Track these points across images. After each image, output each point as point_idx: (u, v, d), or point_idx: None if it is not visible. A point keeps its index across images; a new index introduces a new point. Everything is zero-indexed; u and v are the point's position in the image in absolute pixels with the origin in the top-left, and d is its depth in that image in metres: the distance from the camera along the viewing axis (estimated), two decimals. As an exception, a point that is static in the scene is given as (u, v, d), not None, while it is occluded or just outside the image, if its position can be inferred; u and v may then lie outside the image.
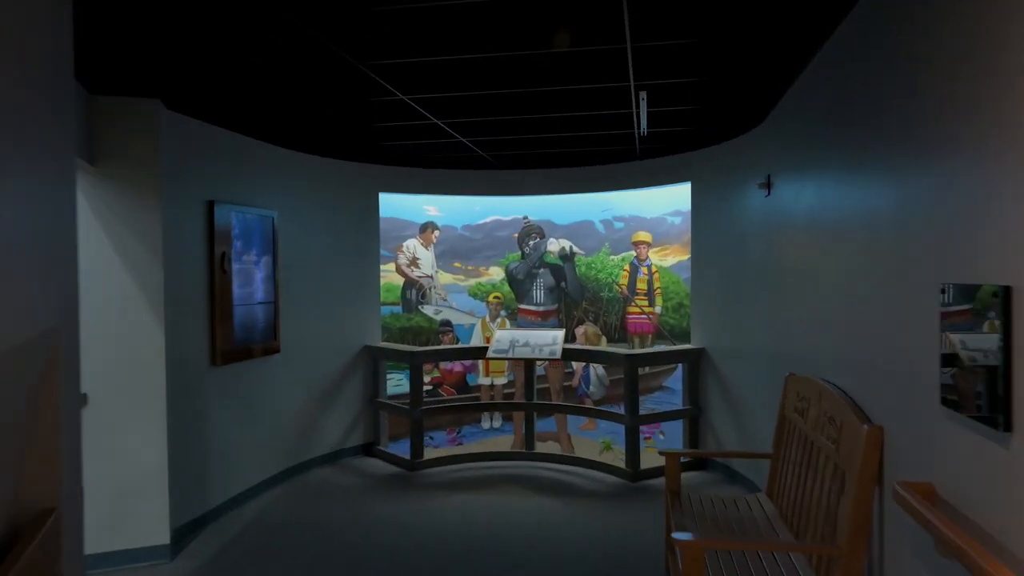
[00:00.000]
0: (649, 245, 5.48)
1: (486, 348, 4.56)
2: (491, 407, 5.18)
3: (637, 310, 5.42)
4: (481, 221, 5.89)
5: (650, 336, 5.51)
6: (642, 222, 5.63)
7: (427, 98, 3.09)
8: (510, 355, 4.39)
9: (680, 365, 4.29)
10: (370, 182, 4.57)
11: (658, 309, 5.49)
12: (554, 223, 5.78)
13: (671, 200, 5.10)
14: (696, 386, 4.19)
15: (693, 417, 4.28)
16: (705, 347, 4.15)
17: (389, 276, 5.47)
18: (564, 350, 4.35)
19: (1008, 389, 1.19)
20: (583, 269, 5.66)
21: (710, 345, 4.10)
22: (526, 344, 4.53)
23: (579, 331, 5.71)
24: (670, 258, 5.42)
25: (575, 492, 3.67)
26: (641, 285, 5.57)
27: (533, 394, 4.70)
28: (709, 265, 4.04)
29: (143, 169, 3.01)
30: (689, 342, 4.36)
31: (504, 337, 4.70)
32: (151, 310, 3.02)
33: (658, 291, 5.48)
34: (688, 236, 4.45)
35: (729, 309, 3.82)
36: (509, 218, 5.87)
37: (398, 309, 5.66)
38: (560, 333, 4.72)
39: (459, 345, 5.35)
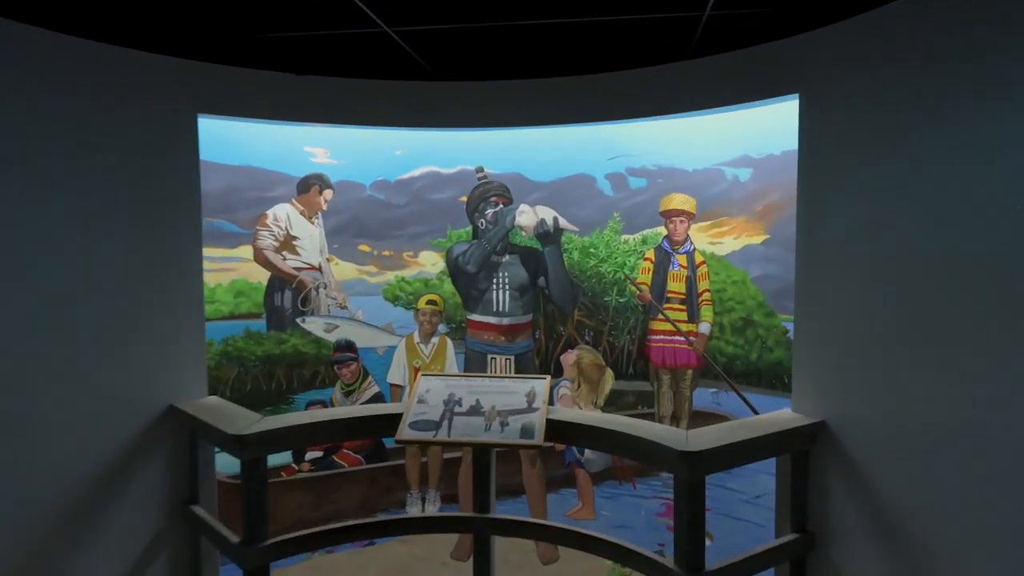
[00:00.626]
0: (691, 218, 3.88)
1: (397, 416, 2.87)
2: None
3: (667, 327, 3.92)
4: (406, 175, 4.34)
5: (689, 372, 3.98)
6: (678, 178, 3.95)
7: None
8: (441, 435, 2.74)
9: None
10: (183, 93, 3.02)
11: (704, 327, 3.92)
12: (528, 179, 4.27)
13: (733, 139, 3.65)
14: (803, 497, 2.65)
15: (797, 559, 2.63)
16: (829, 420, 2.57)
17: (242, 268, 4.04)
18: (552, 425, 2.68)
19: None
20: (576, 256, 4.10)
21: (843, 418, 2.53)
22: (476, 407, 2.84)
23: (567, 359, 4.20)
24: (728, 240, 3.83)
25: None
26: (675, 285, 3.99)
27: (489, 498, 3.08)
28: (847, 262, 2.49)
29: None
30: (778, 399, 3.32)
31: (434, 390, 2.98)
32: None
33: (706, 296, 3.93)
34: (769, 203, 3.42)
35: (900, 352, 2.30)
36: (453, 170, 4.30)
37: (260, 325, 4.11)
38: (541, 386, 3.01)
39: (348, 406, 3.93)
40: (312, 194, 4.07)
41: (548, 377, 2.83)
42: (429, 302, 4.13)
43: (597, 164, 4.05)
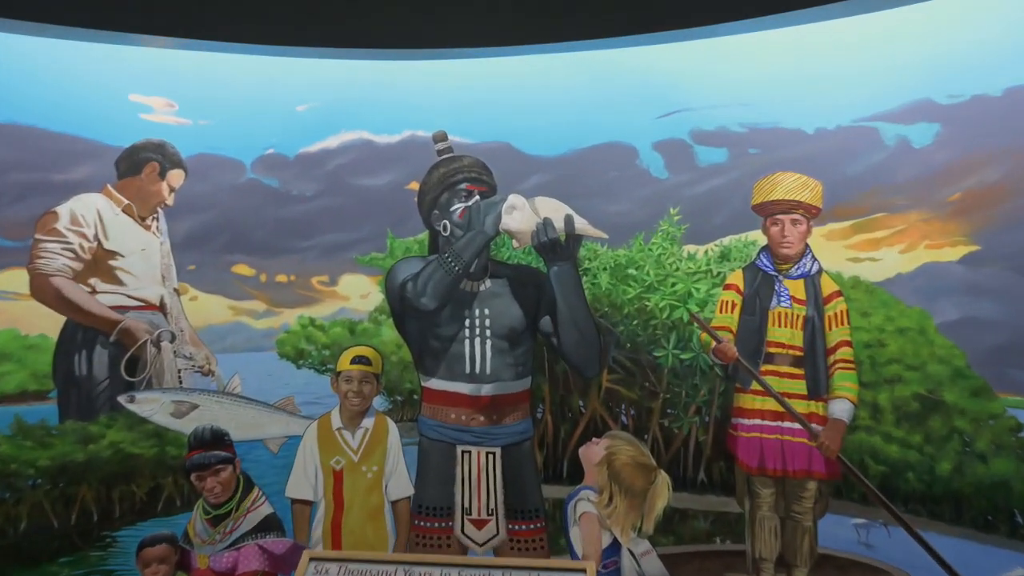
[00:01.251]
0: (813, 214, 3.02)
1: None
2: None
3: (769, 404, 2.91)
4: (315, 146, 3.69)
5: (812, 485, 3.03)
6: (788, 145, 3.39)
7: None
8: None
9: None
10: None
11: (840, 408, 2.88)
12: (522, 152, 3.66)
13: (898, 68, 3.01)
14: None
15: None
16: None
17: (7, 311, 3.39)
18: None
19: None
20: (605, 282, 3.51)
21: None
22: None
23: (591, 453, 2.96)
24: (889, 254, 3.18)
25: None
26: (783, 332, 3.00)
27: None
28: None
29: None
30: (999, 550, 3.03)
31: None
32: None
33: (843, 354, 2.89)
34: (974, 187, 2.89)
35: None
36: (395, 138, 3.75)
37: (45, 411, 3.41)
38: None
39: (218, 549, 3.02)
40: (146, 178, 3.49)
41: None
42: (357, 359, 3.05)
43: (639, 125, 3.57)
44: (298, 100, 3.59)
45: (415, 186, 3.28)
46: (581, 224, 2.67)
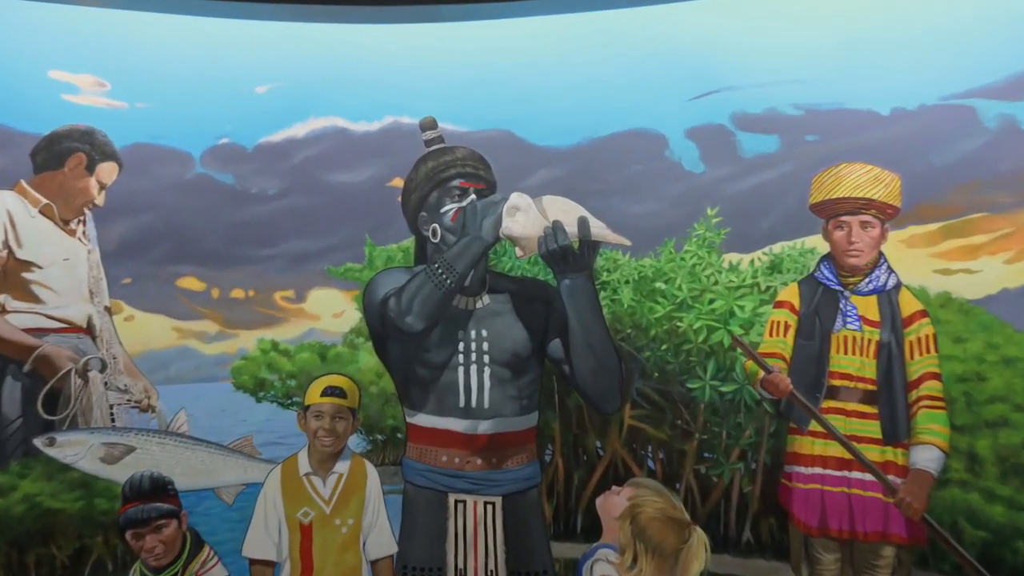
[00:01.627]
0: (888, 215, 2.92)
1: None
2: None
3: (833, 449, 2.86)
4: (278, 134, 3.56)
5: (888, 551, 2.83)
6: (856, 130, 3.26)
7: None
8: None
9: None
10: None
11: (926, 456, 2.77)
12: (527, 142, 3.57)
13: (1001, 20, 2.84)
14: None
15: None
16: None
17: None
18: None
19: None
20: (627, 298, 3.50)
21: None
22: None
23: (610, 505, 2.76)
24: (992, 264, 3.00)
25: None
26: (851, 361, 2.89)
27: None
28: None
29: None
30: None
31: None
32: None
33: (929, 389, 2.79)
34: None
35: None
36: (374, 125, 3.57)
37: None
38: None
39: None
40: (70, 172, 3.28)
41: None
42: (329, 391, 2.93)
43: (669, 108, 3.54)
44: (258, 79, 3.38)
45: (399, 183, 3.13)
46: (598, 228, 2.51)
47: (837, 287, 2.89)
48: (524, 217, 2.53)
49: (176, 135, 3.42)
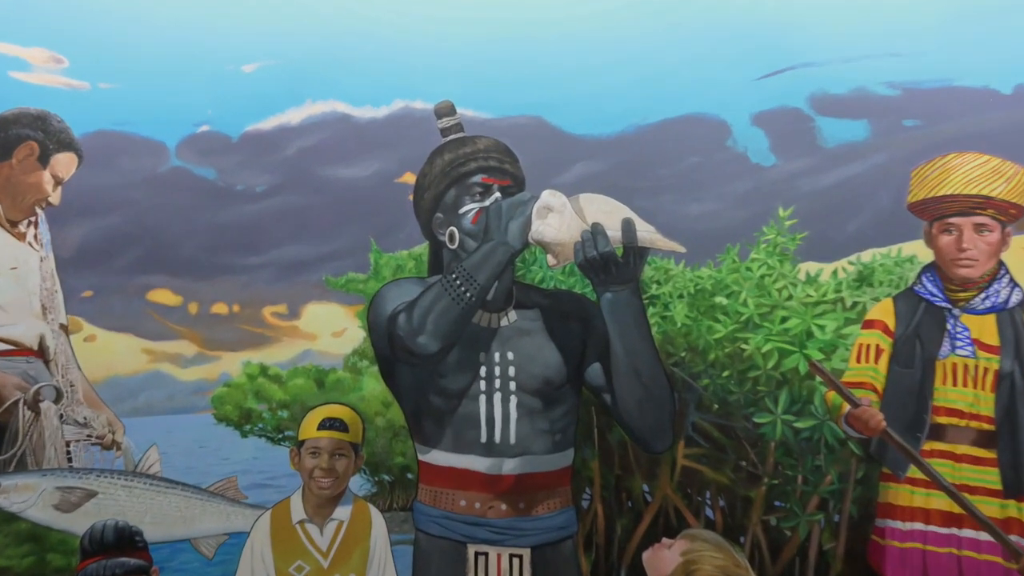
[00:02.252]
0: (1011, 214, 2.70)
1: None
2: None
3: (938, 500, 2.79)
4: (269, 121, 3.50)
5: None
6: (968, 112, 3.27)
7: None
8: None
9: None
10: None
11: None
12: (561, 130, 3.49)
13: None
14: None
15: None
16: None
17: None
18: None
19: None
20: (680, 315, 3.37)
21: None
22: None
23: (661, 560, 2.07)
24: None
25: None
26: (962, 395, 2.71)
27: None
28: None
29: None
30: None
31: None
32: None
33: None
34: None
35: None
36: (381, 111, 3.60)
37: None
38: None
39: None
40: (18, 164, 3.03)
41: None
42: (328, 424, 2.59)
43: (732, 88, 3.49)
44: (244, 56, 3.29)
45: (410, 179, 2.95)
46: (646, 232, 2.12)
47: (944, 304, 2.67)
48: (558, 219, 2.44)
49: (147, 121, 3.28)
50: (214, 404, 3.46)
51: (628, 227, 2.24)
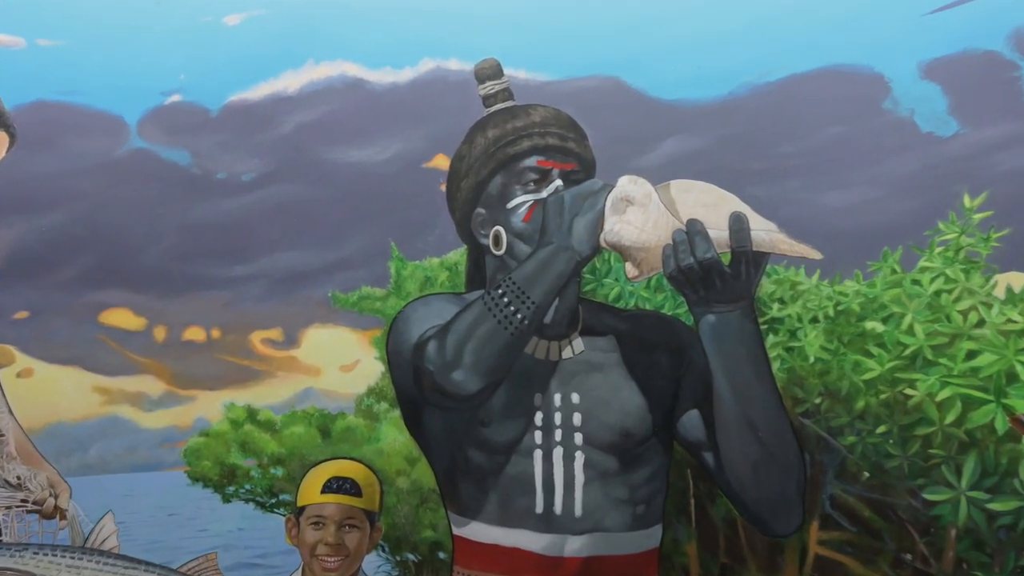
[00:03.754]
0: None
1: None
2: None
3: None
4: (258, 88, 3.24)
5: None
6: None
7: None
8: None
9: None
10: None
11: None
12: (642, 93, 3.32)
13: None
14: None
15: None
16: None
17: None
18: None
19: None
20: (812, 345, 3.10)
21: None
22: None
23: None
24: None
25: None
26: None
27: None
28: None
29: None
30: None
31: None
32: None
33: None
34: None
35: None
36: (404, 74, 3.32)
37: None
38: None
39: None
40: None
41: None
42: (336, 485, 2.18)
43: (891, 31, 3.01)
44: (227, 6, 3.06)
45: (442, 163, 2.79)
46: (764, 232, 2.01)
47: None
48: (640, 214, 2.34)
49: (100, 90, 3.10)
50: (187, 459, 3.32)
51: (738, 225, 2.06)
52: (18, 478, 3.02)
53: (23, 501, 3.02)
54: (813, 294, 3.16)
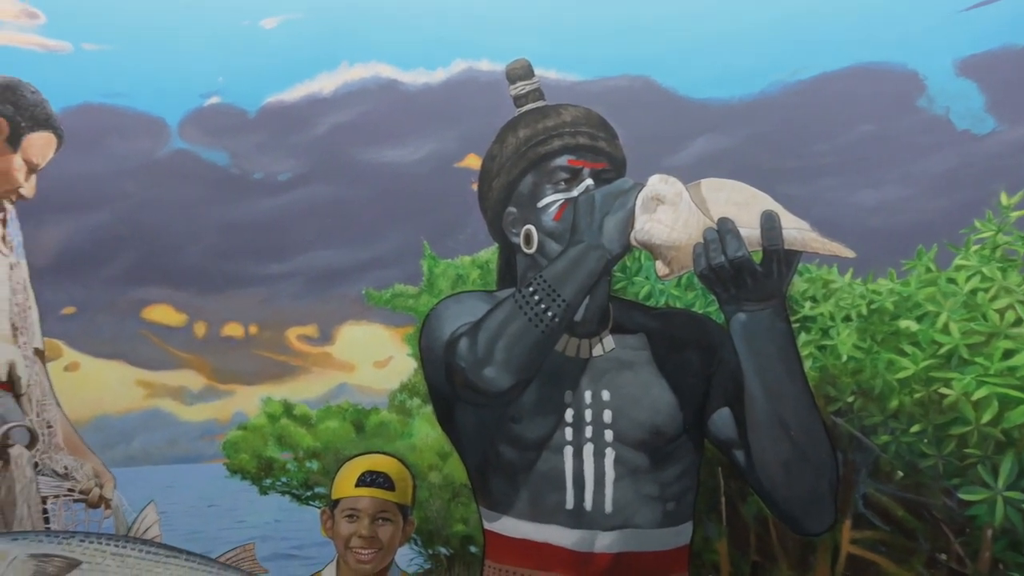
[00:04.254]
0: None
1: None
2: None
3: None
4: (294, 91, 3.17)
5: None
6: None
7: None
8: None
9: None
10: None
11: None
12: (672, 92, 3.30)
13: None
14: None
15: None
16: None
17: None
18: None
19: None
20: (845, 345, 3.02)
21: None
22: None
23: None
24: None
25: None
26: None
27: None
28: None
29: None
30: None
31: None
32: None
33: None
34: None
35: None
36: (437, 75, 3.32)
37: None
38: None
39: None
40: None
41: None
42: (370, 479, 1.91)
43: (924, 26, 3.00)
44: (264, 8, 2.95)
45: (474, 162, 2.68)
46: (796, 230, 2.03)
47: None
48: (671, 213, 2.30)
49: (144, 93, 3.00)
50: (226, 451, 3.31)
51: (770, 223, 2.00)
52: (65, 468, 3.04)
53: (70, 490, 3.06)
54: (846, 292, 3.07)
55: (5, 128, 2.94)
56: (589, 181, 2.28)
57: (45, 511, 2.99)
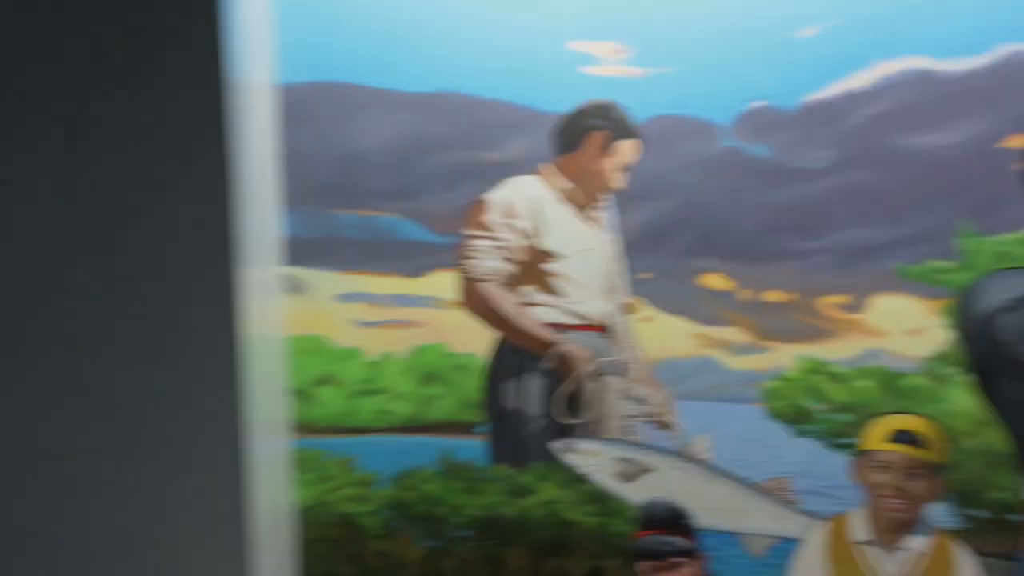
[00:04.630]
0: None
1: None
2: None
3: None
4: (829, 88, 3.19)
5: None
6: None
7: None
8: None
9: None
10: None
11: None
12: None
13: None
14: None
15: None
16: None
17: (433, 321, 3.48)
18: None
19: None
20: None
21: None
22: None
23: None
24: None
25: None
26: None
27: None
28: None
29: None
30: None
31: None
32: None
33: None
34: None
35: None
36: (978, 60, 3.00)
37: (473, 448, 3.49)
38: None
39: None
40: (587, 153, 3.24)
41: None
42: (902, 437, 2.66)
43: None
44: (800, 20, 2.86)
45: (1017, 142, 2.80)
46: None
47: None
48: None
49: (700, 102, 3.07)
50: (766, 397, 3.22)
51: None
52: (643, 396, 3.10)
53: (643, 413, 3.12)
54: None
55: (604, 138, 3.28)
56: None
57: (626, 427, 3.12)
